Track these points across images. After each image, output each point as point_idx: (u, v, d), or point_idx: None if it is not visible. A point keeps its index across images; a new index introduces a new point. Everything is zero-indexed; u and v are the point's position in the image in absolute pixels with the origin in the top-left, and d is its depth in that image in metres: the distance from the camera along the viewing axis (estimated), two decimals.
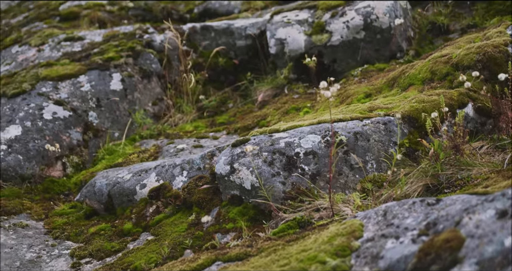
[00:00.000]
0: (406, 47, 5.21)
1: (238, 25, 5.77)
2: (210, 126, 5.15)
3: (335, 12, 5.30)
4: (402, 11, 5.26)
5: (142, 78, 5.42)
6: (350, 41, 5.17)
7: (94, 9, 6.84)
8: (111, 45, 5.60)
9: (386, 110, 3.72)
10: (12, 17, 7.61)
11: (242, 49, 5.77)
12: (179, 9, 7.51)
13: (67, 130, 4.85)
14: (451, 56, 4.10)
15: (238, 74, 5.81)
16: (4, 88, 5.20)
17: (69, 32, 6.11)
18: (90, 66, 5.32)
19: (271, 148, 3.43)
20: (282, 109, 4.86)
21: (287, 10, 5.66)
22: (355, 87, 4.60)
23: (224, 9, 7.06)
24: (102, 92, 5.17)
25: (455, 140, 3.37)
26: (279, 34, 5.35)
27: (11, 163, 4.54)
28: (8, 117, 4.85)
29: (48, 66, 5.39)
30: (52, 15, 7.04)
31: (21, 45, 6.11)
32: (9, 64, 5.81)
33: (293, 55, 5.29)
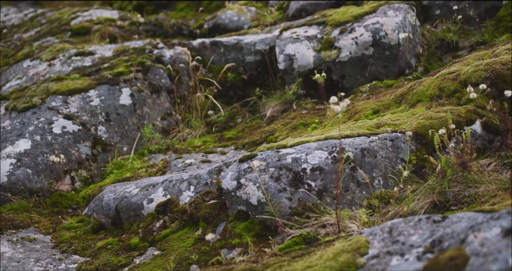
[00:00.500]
0: (415, 64, 5.21)
1: (247, 40, 5.80)
2: (219, 142, 5.16)
3: (344, 29, 5.32)
4: (411, 27, 5.27)
5: (152, 93, 5.45)
6: (358, 57, 5.18)
7: (105, 24, 6.89)
8: (121, 60, 5.64)
9: (394, 127, 3.72)
10: (24, 31, 7.68)
11: (251, 65, 5.79)
12: (189, 24, 7.57)
13: (76, 145, 4.88)
14: (459, 73, 4.10)
15: (247, 89, 5.83)
16: (14, 103, 5.24)
17: (80, 47, 6.16)
18: (100, 81, 5.36)
19: (278, 163, 3.43)
20: (290, 125, 4.86)
21: (296, 26, 5.69)
22: (363, 103, 4.60)
23: (234, 25, 7.10)
24: (111, 107, 5.20)
25: (463, 157, 3.36)
26: (288, 50, 5.37)
27: (20, 177, 4.57)
28: (18, 131, 4.89)
29: (58, 81, 5.44)
30: (64, 30, 7.10)
31: (32, 59, 6.16)
32: (20, 78, 5.86)
33: (302, 71, 5.31)
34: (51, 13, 8.16)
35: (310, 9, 6.51)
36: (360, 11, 5.45)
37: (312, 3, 6.51)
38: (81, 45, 6.31)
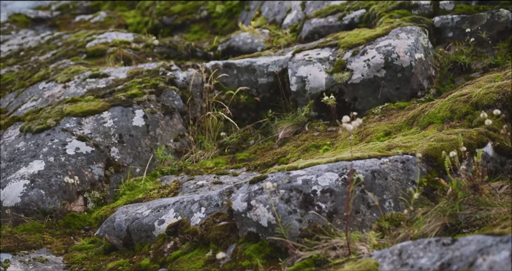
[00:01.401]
0: (427, 86, 5.22)
1: (260, 62, 5.84)
2: (231, 163, 5.17)
3: (356, 51, 5.34)
4: (423, 50, 5.28)
5: (165, 114, 5.49)
6: (371, 80, 5.19)
7: (120, 46, 6.97)
8: (134, 82, 5.70)
9: (405, 149, 3.72)
10: (41, 54, 7.79)
11: (264, 87, 5.82)
12: (203, 47, 7.63)
13: (89, 166, 4.92)
14: (470, 96, 4.10)
15: (259, 111, 5.86)
16: (29, 124, 5.30)
17: (94, 69, 6.23)
18: (114, 102, 5.41)
19: (288, 185, 3.43)
20: (302, 147, 4.87)
21: (308, 48, 5.72)
22: (375, 125, 4.61)
23: (247, 47, 7.15)
24: (125, 128, 5.24)
25: (474, 179, 3.34)
26: (300, 72, 5.39)
27: (34, 198, 4.60)
28: (32, 153, 4.94)
29: (72, 103, 5.50)
30: (79, 52, 7.19)
31: (48, 81, 6.24)
32: (36, 100, 5.93)
33: (314, 93, 5.33)
34: (67, 35, 8.27)
35: (323, 31, 6.55)
36: (373, 34, 5.47)
37: (325, 26, 6.55)
38: (96, 67, 6.39)
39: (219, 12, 9.07)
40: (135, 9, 10.76)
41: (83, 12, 11.41)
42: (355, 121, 2.84)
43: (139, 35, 7.71)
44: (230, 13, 8.98)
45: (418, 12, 5.88)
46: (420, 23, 5.61)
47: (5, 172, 4.86)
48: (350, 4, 6.63)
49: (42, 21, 11.00)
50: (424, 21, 5.68)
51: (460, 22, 5.60)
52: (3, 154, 5.09)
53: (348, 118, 2.86)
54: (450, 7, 5.75)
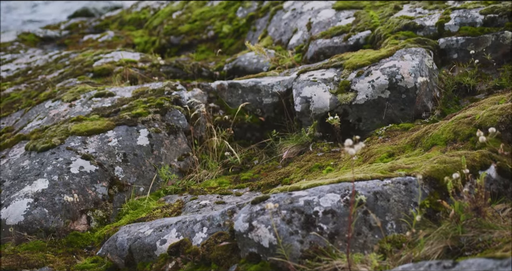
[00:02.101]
0: (432, 107, 5.21)
1: (265, 83, 5.85)
2: (234, 183, 5.17)
3: (360, 72, 5.36)
4: (427, 71, 5.29)
5: (169, 134, 5.50)
6: (375, 101, 5.19)
7: (126, 66, 7.02)
8: (140, 101, 5.73)
9: (408, 171, 3.71)
10: (48, 73, 7.84)
11: (269, 107, 5.83)
12: (209, 66, 7.67)
13: (93, 185, 4.92)
14: (474, 117, 4.09)
15: (264, 131, 5.86)
16: (34, 143, 5.32)
17: (100, 88, 6.27)
18: (119, 121, 5.43)
19: (290, 206, 3.43)
20: (306, 167, 4.87)
21: (313, 69, 5.74)
22: (378, 146, 4.60)
23: (253, 67, 7.18)
24: (129, 148, 5.25)
25: (477, 201, 3.33)
26: (304, 92, 5.40)
27: (37, 216, 4.61)
28: (36, 171, 4.96)
29: (78, 121, 5.52)
30: (86, 71, 7.24)
31: (54, 100, 6.27)
32: (42, 119, 5.96)
33: (318, 114, 5.33)
34: (75, 55, 8.33)
35: (328, 52, 6.57)
36: (377, 55, 5.49)
37: (330, 46, 6.57)
38: (102, 86, 6.42)
39: (225, 32, 9.12)
40: (143, 29, 10.84)
41: (91, 32, 11.51)
42: (357, 145, 2.85)
43: (146, 55, 7.75)
44: (236, 33, 9.03)
45: (423, 33, 5.90)
46: (425, 45, 5.63)
47: (9, 190, 4.88)
48: (355, 25, 6.66)
49: (51, 40, 11.10)
50: (429, 42, 5.69)
51: (465, 44, 5.61)
52: (8, 172, 5.11)
53: (351, 141, 2.86)
54: (455, 29, 5.76)
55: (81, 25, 12.02)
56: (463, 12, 5.86)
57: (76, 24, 12.09)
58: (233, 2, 9.66)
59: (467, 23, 5.74)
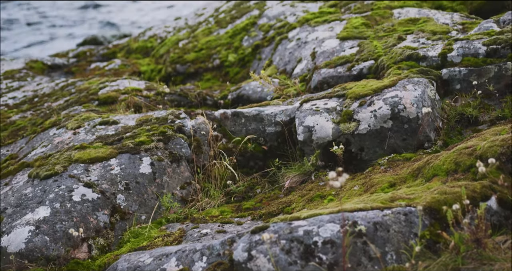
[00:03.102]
0: (434, 137, 5.21)
1: (268, 112, 5.88)
2: (236, 212, 5.16)
3: (363, 101, 5.38)
4: (430, 101, 5.30)
5: (172, 162, 5.52)
6: (377, 130, 5.20)
7: (131, 94, 7.07)
8: (143, 129, 5.76)
9: (408, 201, 3.70)
10: (54, 100, 7.90)
11: (272, 136, 5.85)
12: (214, 95, 7.71)
13: (94, 213, 4.93)
14: (475, 148, 4.09)
15: (267, 160, 5.87)
16: (37, 170, 5.35)
17: (105, 116, 6.31)
18: (121, 149, 5.46)
19: (289, 235, 3.42)
20: (307, 197, 4.86)
21: (316, 98, 5.76)
22: (379, 176, 4.60)
23: (257, 96, 7.22)
24: (131, 176, 5.27)
25: (477, 233, 3.31)
26: (307, 121, 5.42)
27: (38, 244, 4.61)
28: (38, 199, 4.97)
29: (81, 149, 5.55)
30: (92, 99, 7.29)
31: (58, 128, 6.31)
32: (46, 146, 5.99)
33: (321, 143, 5.34)
34: (81, 82, 8.40)
35: (332, 81, 6.61)
36: (380, 85, 5.51)
37: (334, 76, 6.61)
38: (106, 114, 6.46)
39: (231, 61, 9.20)
40: (150, 57, 10.95)
41: (98, 60, 11.63)
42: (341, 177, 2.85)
43: (151, 83, 7.81)
44: (242, 62, 9.10)
45: (426, 64, 5.93)
46: (428, 75, 5.65)
47: (11, 218, 4.88)
48: (359, 55, 6.71)
49: (59, 68, 11.20)
50: (432, 73, 5.72)
51: (467, 75, 5.63)
52: (11, 200, 5.12)
53: (334, 174, 2.86)
54: (458, 60, 5.79)
55: (89, 53, 12.14)
56: (466, 43, 5.89)
57: (84, 52, 12.21)
58: (239, 31, 9.75)
59: (470, 54, 5.77)
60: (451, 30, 6.72)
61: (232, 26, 10.15)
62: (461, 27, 6.91)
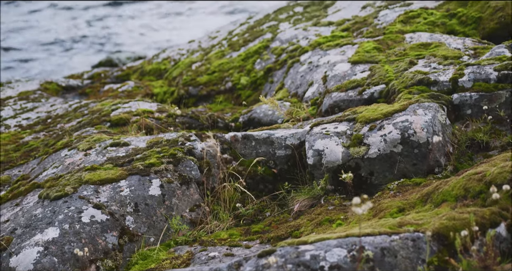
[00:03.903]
0: (445, 163, 5.19)
1: (278, 135, 5.89)
2: (245, 235, 5.15)
3: (373, 126, 5.38)
4: (440, 126, 5.29)
5: (181, 184, 5.53)
6: (387, 155, 5.19)
7: (143, 116, 7.11)
8: (153, 151, 5.78)
9: (416, 227, 3.68)
10: (67, 121, 7.97)
11: (282, 159, 5.85)
12: (225, 118, 7.74)
13: (103, 234, 4.94)
14: (485, 174, 4.07)
15: (277, 183, 5.87)
16: (48, 191, 5.38)
17: (116, 137, 6.34)
18: (131, 171, 5.48)
19: (296, 260, 3.41)
20: (316, 221, 4.84)
21: (326, 122, 5.77)
22: (389, 201, 4.58)
23: (268, 119, 7.24)
24: (141, 197, 5.28)
25: (486, 260, 3.29)
26: (317, 145, 5.42)
27: (46, 265, 4.62)
28: (48, 220, 4.99)
29: (91, 170, 5.58)
30: (104, 120, 7.34)
31: (70, 149, 6.36)
32: (57, 167, 6.03)
33: (330, 167, 5.33)
34: (94, 104, 8.47)
35: (342, 105, 6.62)
36: (390, 109, 5.51)
37: (345, 100, 6.62)
38: (118, 136, 6.50)
39: (243, 83, 9.24)
40: (163, 79, 11.02)
41: (112, 81, 11.72)
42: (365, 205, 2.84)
43: (163, 105, 7.86)
44: (254, 84, 9.14)
45: (437, 88, 5.93)
46: (439, 100, 5.65)
47: (20, 238, 4.90)
48: (370, 79, 6.72)
49: (73, 89, 11.30)
50: (443, 97, 5.71)
51: (478, 100, 5.62)
52: (20, 220, 5.15)
53: (359, 200, 2.86)
54: (469, 85, 5.78)
55: (103, 75, 12.25)
56: (477, 68, 5.89)
57: (98, 74, 12.32)
58: (251, 54, 9.81)
59: (481, 79, 5.77)
60: (463, 55, 6.73)
61: (245, 49, 10.22)
62: (473, 52, 6.91)
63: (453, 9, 8.61)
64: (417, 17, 8.63)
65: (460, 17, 8.40)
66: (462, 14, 8.39)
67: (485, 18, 8.13)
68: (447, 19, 8.43)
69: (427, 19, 8.49)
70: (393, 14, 8.99)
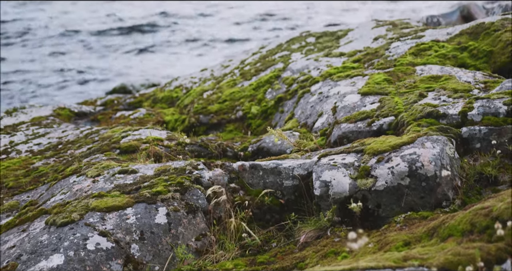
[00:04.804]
0: (453, 196, 5.16)
1: (286, 165, 5.88)
2: (250, 265, 5.12)
3: (381, 158, 5.36)
4: (449, 159, 5.27)
5: (188, 213, 5.52)
6: (395, 187, 5.17)
7: (152, 143, 7.15)
8: (161, 179, 5.79)
9: (421, 261, 3.64)
10: (77, 148, 8.02)
11: (289, 189, 5.84)
12: (234, 147, 7.76)
13: (108, 262, 4.93)
14: (491, 209, 4.03)
15: (284, 213, 5.84)
16: (55, 217, 5.39)
17: (124, 165, 6.37)
18: (138, 199, 5.49)
19: None
20: (321, 253, 4.81)
21: (334, 153, 5.76)
22: (395, 234, 4.55)
23: (277, 149, 7.25)
24: (147, 225, 5.28)
25: None
26: (324, 176, 5.41)
27: None
28: (53, 246, 4.99)
29: (99, 197, 5.60)
30: (113, 147, 7.38)
31: (79, 175, 6.39)
32: (65, 193, 6.05)
33: (337, 198, 5.31)
34: (105, 131, 8.53)
35: (351, 136, 6.62)
36: (398, 141, 5.50)
37: (354, 131, 6.63)
38: (126, 163, 6.53)
39: (254, 113, 9.28)
40: (174, 107, 11.10)
41: (124, 108, 11.81)
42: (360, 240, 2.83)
43: (172, 133, 7.90)
44: (264, 114, 9.17)
45: (446, 121, 5.92)
46: (447, 133, 5.63)
47: (25, 265, 4.90)
48: (380, 110, 6.72)
49: (85, 115, 11.40)
50: (452, 131, 5.70)
51: (487, 134, 5.60)
52: (26, 246, 5.15)
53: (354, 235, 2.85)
54: (478, 118, 5.77)
55: (116, 101, 12.35)
56: (486, 102, 5.89)
57: (112, 100, 12.43)
58: (263, 84, 9.87)
59: (490, 113, 5.76)
60: (473, 89, 6.73)
61: (256, 78, 10.28)
62: (483, 85, 6.91)
63: (465, 42, 8.63)
64: (428, 50, 8.66)
65: (471, 50, 8.42)
66: (473, 47, 8.42)
67: (496, 52, 8.15)
68: (458, 52, 8.45)
69: (438, 51, 8.52)
70: (404, 46, 9.04)
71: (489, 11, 13.59)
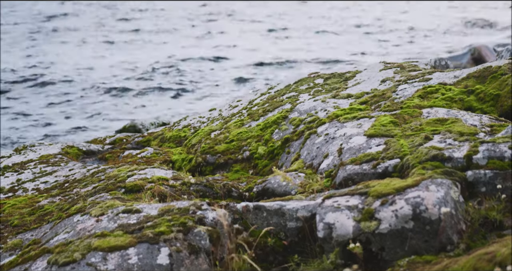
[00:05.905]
0: (457, 241, 5.11)
1: (290, 206, 5.87)
2: None
3: (385, 200, 5.34)
4: (453, 203, 5.24)
5: (190, 254, 5.49)
6: (398, 230, 5.13)
7: (158, 183, 7.16)
8: (164, 219, 5.78)
9: None
10: (83, 186, 8.04)
11: (293, 231, 5.81)
12: (239, 187, 7.75)
13: None
14: (495, 255, 4.00)
15: (287, 255, 5.80)
16: (57, 257, 5.38)
17: (129, 204, 6.37)
18: (141, 239, 5.47)
19: None
20: None
21: (338, 195, 5.75)
22: None
23: (282, 190, 7.23)
24: (148, 266, 5.25)
25: None
26: (328, 218, 5.39)
27: None
28: None
29: (101, 237, 5.58)
30: (119, 187, 7.40)
31: (83, 214, 6.39)
32: (68, 232, 6.04)
33: (341, 240, 5.28)
34: (111, 170, 8.55)
35: (356, 178, 6.60)
36: (403, 184, 5.48)
37: (359, 173, 6.61)
38: (131, 202, 6.53)
39: (261, 153, 9.29)
40: (182, 146, 11.13)
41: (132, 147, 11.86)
42: None
43: (178, 173, 7.91)
44: (271, 154, 9.18)
45: (451, 165, 5.90)
46: (452, 176, 5.61)
47: None
48: (385, 153, 6.72)
49: (93, 154, 11.45)
50: (457, 174, 5.68)
51: (493, 178, 5.58)
52: None
53: None
54: (483, 162, 5.75)
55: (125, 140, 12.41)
56: (492, 145, 5.88)
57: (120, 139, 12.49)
58: (270, 124, 9.91)
59: (496, 157, 5.74)
60: (479, 132, 6.72)
61: (264, 119, 10.33)
62: (489, 129, 6.90)
63: (471, 85, 8.67)
64: (435, 93, 8.69)
65: (478, 94, 8.45)
66: (480, 91, 8.45)
67: (503, 95, 8.17)
68: (465, 95, 8.48)
69: (445, 94, 8.54)
70: (411, 88, 9.08)
71: (499, 54, 13.68)
